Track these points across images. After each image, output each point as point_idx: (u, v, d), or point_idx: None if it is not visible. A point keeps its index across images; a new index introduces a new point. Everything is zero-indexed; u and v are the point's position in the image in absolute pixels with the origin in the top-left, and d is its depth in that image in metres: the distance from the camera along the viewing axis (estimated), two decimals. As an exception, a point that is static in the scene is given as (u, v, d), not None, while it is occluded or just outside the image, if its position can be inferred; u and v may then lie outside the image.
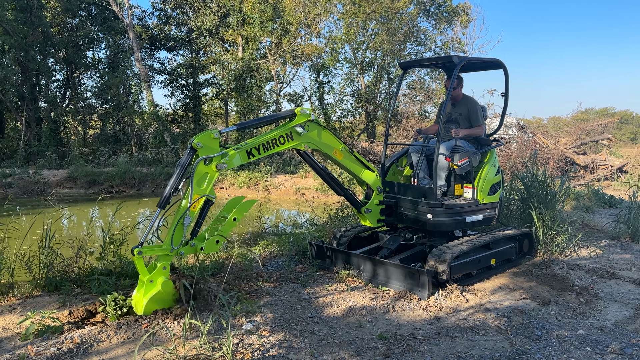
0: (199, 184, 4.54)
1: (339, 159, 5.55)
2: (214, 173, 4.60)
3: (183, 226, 4.47)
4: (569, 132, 22.17)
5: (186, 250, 4.58)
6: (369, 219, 5.91)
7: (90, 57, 27.52)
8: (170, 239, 4.43)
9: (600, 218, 9.44)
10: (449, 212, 5.65)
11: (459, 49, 26.75)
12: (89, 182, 18.23)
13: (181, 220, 4.45)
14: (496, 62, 6.29)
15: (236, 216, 4.80)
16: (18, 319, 4.36)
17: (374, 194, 5.86)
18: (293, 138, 5.13)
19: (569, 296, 5.15)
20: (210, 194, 4.60)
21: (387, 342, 4.02)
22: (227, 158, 4.66)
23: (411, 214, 5.83)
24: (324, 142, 5.39)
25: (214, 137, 4.61)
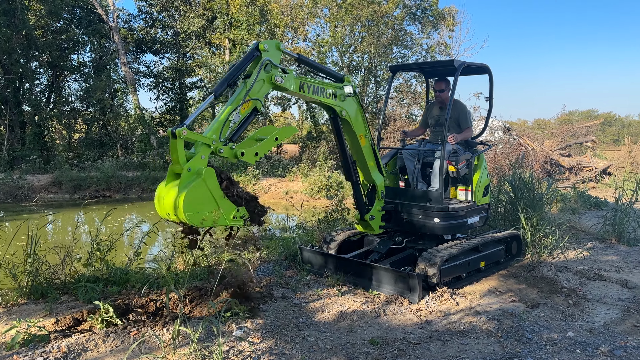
0: (255, 88, 4.19)
1: (362, 144, 5.37)
2: (269, 84, 4.31)
3: (230, 122, 4.02)
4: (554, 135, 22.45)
5: (225, 150, 3.97)
6: (372, 226, 5.73)
7: (75, 61, 27.25)
8: (219, 130, 3.92)
9: (586, 220, 9.55)
10: (455, 215, 5.70)
11: (445, 52, 26.96)
12: (74, 187, 17.99)
13: (231, 114, 4.01)
14: (483, 67, 6.35)
15: (278, 136, 4.35)
16: (3, 328, 4.27)
17: (377, 200, 5.71)
18: (336, 98, 4.99)
19: (558, 298, 5.19)
20: (262, 101, 4.26)
21: (378, 347, 4.01)
22: (287, 76, 4.42)
23: (414, 219, 5.80)
24: (357, 119, 5.26)
25: (279, 47, 4.37)
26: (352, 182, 5.64)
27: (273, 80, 4.31)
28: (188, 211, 3.61)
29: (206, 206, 3.74)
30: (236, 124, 4.08)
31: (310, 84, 4.76)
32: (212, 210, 3.76)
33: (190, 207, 3.63)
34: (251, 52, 4.27)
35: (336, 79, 5.14)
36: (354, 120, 5.23)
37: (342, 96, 5.05)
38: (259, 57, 4.26)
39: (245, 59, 4.25)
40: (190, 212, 3.63)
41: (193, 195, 3.64)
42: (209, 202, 3.76)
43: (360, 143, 5.38)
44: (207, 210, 3.74)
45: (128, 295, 5.01)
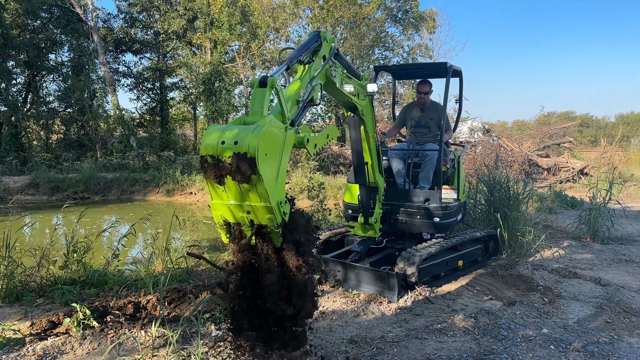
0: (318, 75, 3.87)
1: (370, 144, 5.30)
2: (324, 77, 4.01)
3: (297, 103, 3.52)
4: (532, 136, 22.80)
5: (290, 133, 3.16)
6: (375, 229, 5.71)
7: (53, 60, 26.84)
8: (293, 110, 3.40)
9: (562, 219, 9.74)
10: (450, 214, 5.84)
11: (425, 54, 27.18)
12: (52, 189, 17.70)
13: (300, 94, 3.54)
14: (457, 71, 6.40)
15: (330, 133, 3.94)
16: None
17: (378, 202, 5.71)
18: (359, 96, 4.89)
19: (534, 296, 5.29)
20: (320, 93, 3.88)
21: (357, 346, 4.04)
22: (337, 71, 4.28)
23: (412, 220, 5.86)
24: (370, 120, 5.17)
25: (334, 41, 4.11)
26: (361, 185, 5.53)
27: (328, 74, 4.08)
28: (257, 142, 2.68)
29: (270, 161, 2.84)
30: (301, 107, 3.57)
31: (347, 82, 4.61)
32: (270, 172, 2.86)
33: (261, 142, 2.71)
34: (313, 39, 3.92)
35: (358, 77, 4.99)
36: (368, 118, 5.16)
37: (363, 95, 4.98)
38: (320, 45, 3.92)
39: (308, 44, 3.86)
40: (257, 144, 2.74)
41: (269, 137, 2.81)
42: (273, 161, 2.87)
43: (369, 143, 5.31)
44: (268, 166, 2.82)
45: (106, 298, 4.97)
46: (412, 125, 6.74)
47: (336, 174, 18.80)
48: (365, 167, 5.40)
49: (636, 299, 5.26)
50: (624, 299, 5.19)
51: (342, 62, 4.65)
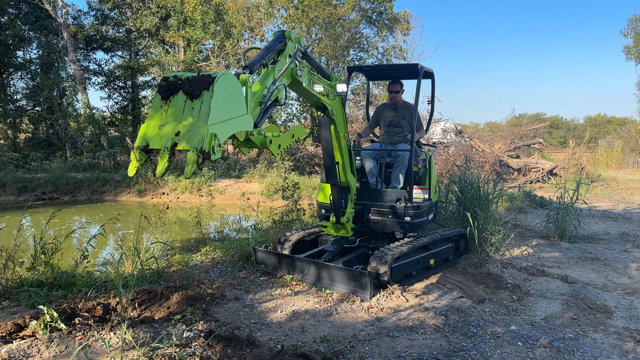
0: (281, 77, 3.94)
1: (342, 144, 5.37)
2: (289, 77, 4.09)
3: (260, 105, 3.65)
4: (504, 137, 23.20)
5: (255, 135, 3.50)
6: (347, 228, 5.76)
7: (21, 57, 26.08)
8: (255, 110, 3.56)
9: (531, 218, 9.95)
10: (421, 214, 5.87)
11: (400, 56, 27.45)
12: (20, 189, 17.23)
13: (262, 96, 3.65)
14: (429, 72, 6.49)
15: (295, 133, 4.12)
16: (-63, 337, 4.06)
17: (350, 201, 5.77)
18: (328, 96, 4.95)
19: (503, 294, 5.40)
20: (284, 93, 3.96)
21: (329, 345, 4.06)
22: (302, 72, 4.28)
23: (384, 219, 5.91)
24: (340, 119, 5.24)
25: (300, 42, 4.20)
26: (332, 185, 5.59)
27: (293, 74, 4.12)
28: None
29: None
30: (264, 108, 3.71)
31: (315, 81, 4.68)
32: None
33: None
34: (278, 39, 4.03)
35: (326, 77, 5.08)
36: (338, 118, 5.23)
37: (333, 95, 5.05)
38: (285, 45, 4.02)
39: (273, 44, 3.98)
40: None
41: (235, 82, 3.15)
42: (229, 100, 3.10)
43: (340, 143, 5.40)
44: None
45: (74, 300, 4.87)
46: (385, 125, 6.81)
47: (311, 174, 18.82)
48: (337, 166, 5.44)
49: (601, 295, 5.42)
50: (589, 296, 5.34)
51: (311, 62, 4.72)
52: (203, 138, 2.82)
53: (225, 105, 3.03)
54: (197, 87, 2.97)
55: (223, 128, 2.99)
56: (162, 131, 2.95)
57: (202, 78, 2.99)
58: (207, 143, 2.82)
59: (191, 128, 2.88)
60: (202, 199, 16.99)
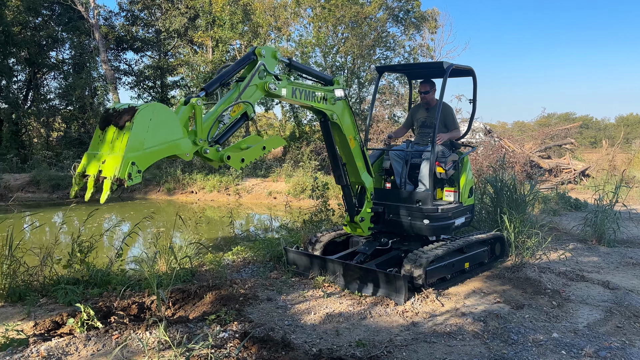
0: (247, 92, 4.11)
1: (351, 147, 5.36)
2: (262, 91, 4.25)
3: (219, 124, 3.90)
4: (534, 137, 22.74)
5: (211, 151, 3.85)
6: (362, 228, 5.71)
7: (54, 58, 26.77)
8: (208, 129, 3.79)
9: (567, 221, 9.68)
10: (443, 217, 5.72)
11: (427, 54, 27.12)
12: (53, 186, 17.64)
13: (220, 114, 3.88)
14: (468, 70, 6.37)
15: (266, 145, 4.32)
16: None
17: (367, 201, 5.70)
18: (327, 102, 4.98)
19: (542, 299, 5.23)
20: (254, 107, 4.17)
21: (365, 349, 3.98)
22: (280, 83, 4.39)
23: (404, 221, 5.80)
24: (347, 122, 5.26)
25: (275, 56, 4.33)
26: (342, 186, 5.61)
27: (266, 88, 4.26)
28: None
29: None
30: (225, 126, 3.97)
31: (302, 89, 4.75)
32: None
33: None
34: (247, 56, 4.23)
35: (326, 82, 5.13)
36: (344, 123, 5.22)
37: (333, 99, 5.05)
38: (255, 61, 4.22)
39: (241, 61, 4.20)
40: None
41: (163, 111, 3.47)
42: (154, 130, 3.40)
43: (350, 145, 5.37)
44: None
45: (109, 298, 4.91)
46: (418, 126, 6.69)
47: (338, 174, 18.72)
48: (343, 168, 5.47)
49: (645, 303, 5.21)
50: (633, 303, 5.13)
51: (301, 71, 4.90)
52: (119, 166, 3.17)
53: (149, 134, 3.33)
54: (122, 119, 3.30)
55: (145, 156, 3.30)
56: (94, 159, 3.37)
57: (128, 110, 3.32)
58: (121, 170, 3.17)
59: (114, 157, 3.24)
60: (229, 197, 17.10)
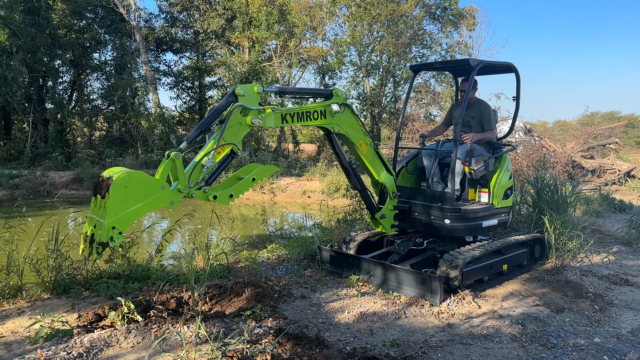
0: (230, 132, 4.34)
1: (363, 151, 5.42)
2: (246, 126, 4.44)
3: (202, 167, 4.21)
4: (576, 136, 22.05)
5: (198, 194, 4.24)
6: (383, 225, 5.79)
7: (97, 59, 27.63)
8: (188, 176, 4.13)
9: (611, 223, 9.35)
10: (467, 217, 5.61)
11: (465, 52, 26.68)
12: (95, 184, 18.22)
13: (203, 160, 4.19)
14: (509, 66, 6.24)
15: (255, 177, 4.58)
16: (27, 322, 4.32)
17: (389, 199, 5.74)
18: (326, 116, 5.05)
19: (583, 303, 5.08)
20: (238, 146, 4.39)
21: (400, 349, 3.96)
22: (263, 115, 4.53)
23: (426, 219, 5.76)
24: (353, 129, 5.31)
25: (257, 91, 4.49)
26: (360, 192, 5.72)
27: (250, 123, 4.43)
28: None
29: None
30: (209, 168, 4.27)
31: (294, 113, 4.83)
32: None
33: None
34: (227, 98, 4.42)
35: (325, 96, 5.19)
36: (349, 132, 5.27)
37: (332, 113, 5.08)
38: (235, 102, 4.40)
39: (222, 105, 4.40)
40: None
41: (138, 177, 3.93)
42: (130, 195, 3.89)
43: (362, 150, 5.43)
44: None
45: (149, 292, 5.05)
46: (456, 124, 6.59)
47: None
48: (354, 174, 5.60)
49: (695, 309, 4.98)
50: (681, 309, 4.92)
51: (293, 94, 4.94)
52: (102, 232, 3.71)
53: (127, 199, 3.83)
54: (103, 188, 3.86)
55: (124, 218, 3.82)
56: (90, 222, 3.92)
57: (106, 180, 3.85)
58: (103, 235, 3.71)
59: (99, 223, 3.78)
60: (264, 196, 17.27)
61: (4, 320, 4.47)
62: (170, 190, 4.07)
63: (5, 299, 4.98)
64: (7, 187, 17.64)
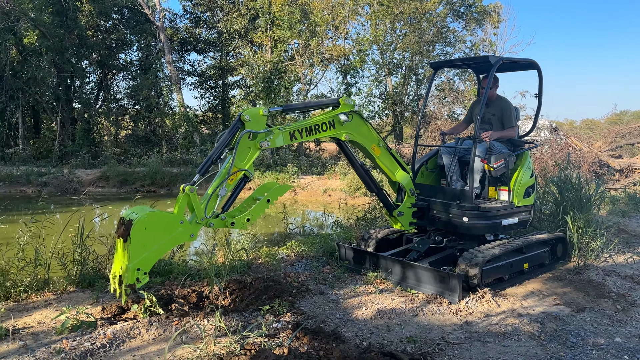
0: (240, 158, 4.48)
1: (376, 154, 5.49)
2: (256, 150, 4.57)
3: (218, 196, 4.38)
4: (604, 135, 21.59)
5: (216, 222, 4.45)
6: (401, 222, 5.83)
7: (123, 59, 28.16)
8: (204, 206, 4.32)
9: (637, 223, 9.14)
10: (485, 215, 5.57)
11: (489, 49, 26.32)
12: (121, 182, 18.60)
13: (217, 190, 4.37)
14: (530, 63, 6.17)
15: (270, 198, 4.74)
16: (54, 314, 4.47)
17: (406, 197, 5.77)
18: (335, 126, 5.12)
19: (605, 303, 5.00)
20: (249, 170, 4.54)
21: (416, 346, 3.97)
22: (272, 137, 4.63)
23: (444, 217, 5.74)
24: (364, 135, 5.36)
25: (262, 114, 4.59)
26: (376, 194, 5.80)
27: (259, 147, 4.54)
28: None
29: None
30: (225, 196, 4.44)
31: (302, 128, 4.92)
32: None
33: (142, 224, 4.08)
34: (234, 124, 4.53)
35: (333, 106, 5.24)
36: (360, 138, 5.33)
37: (340, 122, 5.14)
38: (242, 128, 4.51)
39: (230, 132, 4.51)
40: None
41: (156, 218, 4.15)
42: (151, 236, 4.10)
43: (374, 154, 5.48)
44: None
45: (171, 286, 5.16)
46: (476, 121, 6.54)
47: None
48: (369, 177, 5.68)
49: None
50: None
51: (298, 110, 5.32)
52: (127, 274, 3.93)
53: (148, 240, 4.02)
54: (124, 232, 4.01)
55: (147, 258, 4.03)
56: (117, 264, 4.10)
57: (127, 224, 4.02)
58: (129, 278, 3.94)
59: (125, 265, 3.97)
60: (285, 195, 17.36)
61: (31, 312, 4.63)
62: (189, 224, 4.29)
63: (33, 291, 5.15)
64: (36, 184, 18.14)
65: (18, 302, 4.90)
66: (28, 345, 3.87)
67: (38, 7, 22.10)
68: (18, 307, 4.74)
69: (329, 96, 27.84)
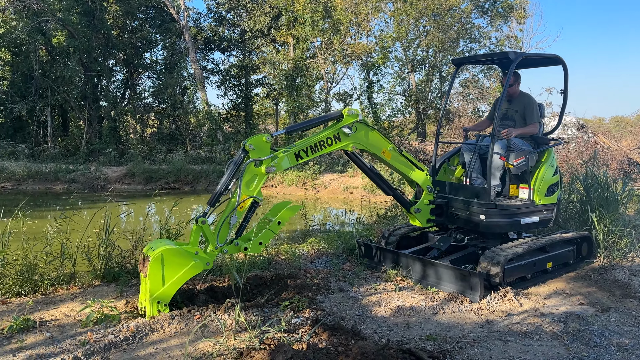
0: (248, 185, 4.63)
1: (387, 158, 5.50)
2: (262, 175, 4.69)
3: (229, 224, 4.59)
4: (633, 133, 21.02)
5: (230, 249, 4.68)
6: (418, 219, 5.81)
7: (148, 59, 28.62)
8: (216, 236, 4.56)
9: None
10: (504, 213, 5.48)
11: (515, 45, 25.88)
12: (146, 179, 18.94)
13: (228, 218, 4.57)
14: (554, 58, 6.05)
15: (281, 220, 4.87)
16: (79, 307, 4.59)
17: (424, 194, 5.75)
18: (341, 139, 5.14)
19: (631, 303, 4.89)
20: (258, 196, 4.69)
21: (436, 343, 3.95)
22: (276, 161, 4.73)
23: (463, 215, 5.70)
24: (371, 143, 5.37)
25: (265, 140, 4.69)
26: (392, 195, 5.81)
27: (265, 172, 4.67)
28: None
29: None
30: (237, 222, 4.66)
31: (307, 147, 4.96)
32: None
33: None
34: (239, 154, 4.69)
35: (336, 118, 5.25)
36: (367, 145, 5.33)
37: (345, 134, 5.15)
38: (247, 157, 4.66)
39: (236, 163, 4.66)
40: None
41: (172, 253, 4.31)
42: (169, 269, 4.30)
43: (386, 158, 5.48)
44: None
45: (192, 281, 5.22)
46: (499, 118, 6.45)
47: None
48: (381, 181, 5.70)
49: None
50: None
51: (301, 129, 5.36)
52: (149, 307, 4.27)
53: (165, 275, 4.26)
54: (143, 268, 4.31)
55: (165, 291, 4.30)
56: (142, 296, 4.47)
57: (146, 260, 4.28)
58: (151, 310, 4.28)
59: (147, 298, 4.28)
60: (307, 192, 17.43)
61: (58, 305, 4.76)
62: (204, 254, 4.52)
63: (60, 284, 5.30)
64: (64, 181, 18.60)
65: (45, 295, 5.05)
66: (54, 337, 3.98)
67: (66, 8, 22.61)
68: (45, 300, 4.89)
69: (351, 94, 27.82)
